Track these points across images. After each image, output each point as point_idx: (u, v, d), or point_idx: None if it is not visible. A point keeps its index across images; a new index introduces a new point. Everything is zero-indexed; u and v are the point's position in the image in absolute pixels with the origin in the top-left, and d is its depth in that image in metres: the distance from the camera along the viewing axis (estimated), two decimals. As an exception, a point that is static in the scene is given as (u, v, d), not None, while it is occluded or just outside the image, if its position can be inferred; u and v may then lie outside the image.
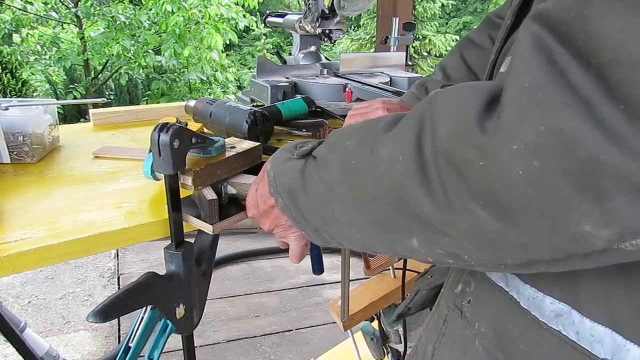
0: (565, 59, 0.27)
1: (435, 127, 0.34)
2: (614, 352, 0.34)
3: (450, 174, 0.33)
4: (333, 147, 0.45)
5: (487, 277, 0.45)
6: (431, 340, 0.51)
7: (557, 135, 0.27)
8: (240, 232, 2.83)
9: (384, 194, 0.38)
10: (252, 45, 11.92)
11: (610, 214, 0.27)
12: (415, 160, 0.35)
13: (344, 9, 1.25)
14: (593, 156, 0.26)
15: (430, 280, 0.60)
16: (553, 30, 0.28)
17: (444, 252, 0.37)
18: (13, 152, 0.83)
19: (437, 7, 10.79)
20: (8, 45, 5.91)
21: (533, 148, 0.28)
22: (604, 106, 0.25)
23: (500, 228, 0.32)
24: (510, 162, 0.29)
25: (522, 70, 0.29)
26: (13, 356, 1.72)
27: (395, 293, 1.24)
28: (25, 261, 0.56)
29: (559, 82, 0.27)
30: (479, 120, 0.31)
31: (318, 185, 0.45)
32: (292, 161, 0.50)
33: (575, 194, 0.27)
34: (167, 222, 0.61)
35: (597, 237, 0.28)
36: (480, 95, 0.32)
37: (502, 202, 0.30)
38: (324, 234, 0.48)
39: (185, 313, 0.64)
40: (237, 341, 1.98)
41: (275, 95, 1.16)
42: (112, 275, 2.44)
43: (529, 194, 0.29)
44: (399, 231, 0.39)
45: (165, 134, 0.54)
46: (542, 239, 0.30)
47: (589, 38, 0.26)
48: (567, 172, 0.27)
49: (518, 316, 0.41)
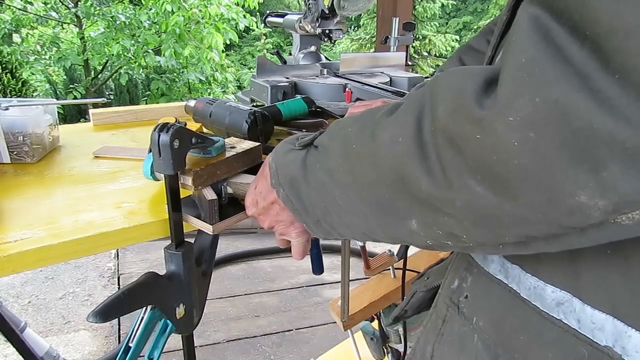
0: (561, 36, 0.27)
1: (434, 107, 0.35)
2: (615, 339, 0.34)
3: (448, 151, 0.33)
4: (334, 135, 0.46)
5: (485, 271, 0.45)
6: (430, 341, 0.51)
7: (552, 106, 0.27)
8: (240, 232, 2.83)
9: (384, 176, 0.38)
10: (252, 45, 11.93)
11: (605, 183, 0.27)
12: (415, 141, 0.35)
13: (344, 9, 1.25)
14: (587, 125, 0.26)
15: (427, 282, 0.60)
16: (550, 9, 0.28)
17: (443, 233, 0.38)
18: (13, 152, 0.83)
19: (437, 7, 10.80)
20: (8, 45, 5.91)
21: (528, 119, 0.28)
22: (599, 77, 0.26)
23: (497, 202, 0.32)
24: (506, 133, 0.29)
25: (518, 48, 0.29)
26: (13, 356, 1.72)
27: (395, 293, 1.24)
28: (25, 261, 0.56)
29: (555, 56, 0.27)
30: (477, 97, 0.31)
31: (319, 173, 0.46)
32: (293, 152, 0.50)
33: (571, 164, 0.27)
34: (167, 222, 0.61)
35: (593, 208, 0.28)
36: (479, 75, 0.33)
37: (499, 175, 0.31)
38: (324, 224, 0.48)
39: (185, 313, 0.64)
40: (237, 341, 1.98)
41: (275, 95, 1.15)
42: (112, 275, 2.44)
43: (525, 166, 0.29)
44: (398, 213, 0.39)
45: (165, 134, 0.54)
46: (538, 211, 0.31)
47: (585, 10, 0.26)
48: (563, 143, 0.27)
49: (518, 307, 0.41)
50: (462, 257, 0.50)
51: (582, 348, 0.36)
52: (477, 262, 0.47)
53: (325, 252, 1.49)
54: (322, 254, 1.24)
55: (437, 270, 0.60)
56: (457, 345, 0.47)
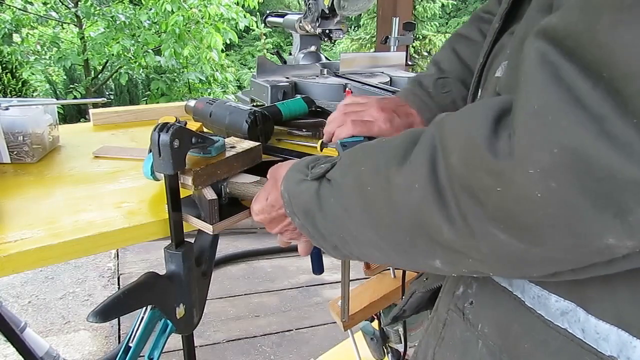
0: (572, 75, 0.27)
1: (446, 155, 0.34)
2: (620, 349, 0.34)
3: (467, 201, 0.33)
4: (346, 170, 0.45)
5: (490, 278, 0.45)
6: (431, 345, 0.51)
7: (571, 155, 0.27)
8: (240, 232, 2.83)
9: (403, 221, 0.38)
10: (252, 45, 11.91)
11: (632, 226, 0.27)
12: (432, 186, 0.35)
13: (344, 9, 1.25)
14: (609, 173, 0.26)
15: (426, 282, 0.59)
16: (559, 46, 0.28)
17: (469, 271, 0.38)
18: (13, 152, 0.83)
19: (437, 7, 10.79)
20: (8, 45, 5.90)
21: (549, 170, 0.28)
22: (617, 121, 0.25)
23: (523, 248, 0.32)
24: (527, 186, 0.29)
25: (529, 91, 0.29)
26: (13, 356, 1.72)
27: (395, 293, 1.24)
28: (25, 261, 0.56)
29: (567, 100, 0.27)
30: (489, 145, 0.31)
31: (334, 207, 0.45)
32: (306, 182, 0.49)
33: (596, 210, 0.27)
34: (167, 222, 0.61)
35: (621, 247, 0.28)
36: (485, 117, 0.32)
37: (523, 225, 0.31)
38: (343, 250, 0.48)
39: (185, 313, 0.64)
40: (237, 341, 1.98)
41: (275, 95, 1.15)
42: (112, 275, 2.44)
43: (550, 215, 0.29)
44: (420, 254, 0.39)
45: (165, 133, 0.54)
46: (567, 253, 0.31)
47: (600, 52, 0.26)
48: (585, 191, 0.27)
49: (523, 315, 0.41)
50: None
51: (586, 357, 0.36)
52: None
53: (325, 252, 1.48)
54: (322, 254, 1.23)
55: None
56: (460, 349, 0.47)
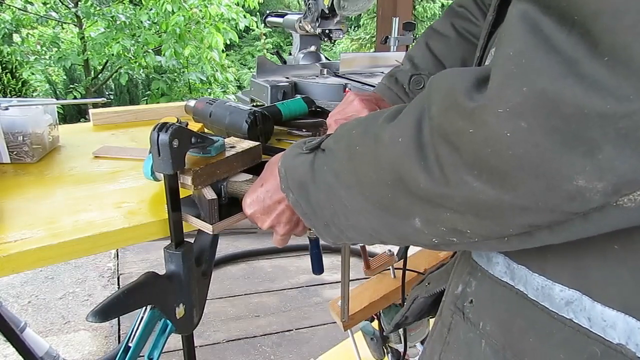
0: (549, 27, 0.28)
1: (429, 107, 0.35)
2: (628, 335, 0.34)
3: (444, 148, 0.33)
4: (340, 137, 0.47)
5: (489, 274, 0.45)
6: (436, 351, 0.50)
7: (540, 94, 0.27)
8: (240, 232, 2.83)
9: (384, 176, 0.39)
10: (252, 45, 11.90)
11: (601, 165, 0.27)
12: (414, 141, 0.36)
13: (344, 9, 1.25)
14: (577, 110, 0.26)
15: (428, 287, 0.59)
16: (537, 2, 0.29)
17: (447, 229, 0.38)
18: (13, 152, 0.83)
19: (437, 7, 10.78)
20: (8, 45, 5.90)
21: (518, 109, 0.28)
22: (587, 61, 0.26)
23: (496, 195, 0.32)
24: (497, 125, 0.29)
25: (506, 42, 0.30)
26: (13, 356, 1.72)
27: (395, 293, 1.24)
28: (25, 261, 0.56)
29: (542, 46, 0.28)
30: (468, 92, 0.32)
31: (326, 175, 0.47)
32: (302, 156, 0.51)
33: (565, 150, 0.28)
34: (167, 222, 0.61)
35: (592, 190, 0.28)
36: (470, 73, 0.33)
37: (494, 168, 0.31)
38: (333, 227, 0.49)
39: (185, 313, 0.64)
40: (237, 341, 1.98)
41: (275, 95, 1.16)
42: (112, 275, 2.44)
43: (519, 156, 0.29)
44: (401, 212, 0.40)
45: (164, 133, 0.54)
46: (539, 200, 0.31)
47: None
48: (554, 130, 0.27)
49: (526, 309, 0.40)
50: (464, 262, 0.49)
51: (594, 347, 0.35)
52: (480, 265, 0.46)
53: (325, 252, 1.49)
54: (322, 254, 1.24)
55: (437, 275, 0.59)
56: (464, 352, 0.46)
